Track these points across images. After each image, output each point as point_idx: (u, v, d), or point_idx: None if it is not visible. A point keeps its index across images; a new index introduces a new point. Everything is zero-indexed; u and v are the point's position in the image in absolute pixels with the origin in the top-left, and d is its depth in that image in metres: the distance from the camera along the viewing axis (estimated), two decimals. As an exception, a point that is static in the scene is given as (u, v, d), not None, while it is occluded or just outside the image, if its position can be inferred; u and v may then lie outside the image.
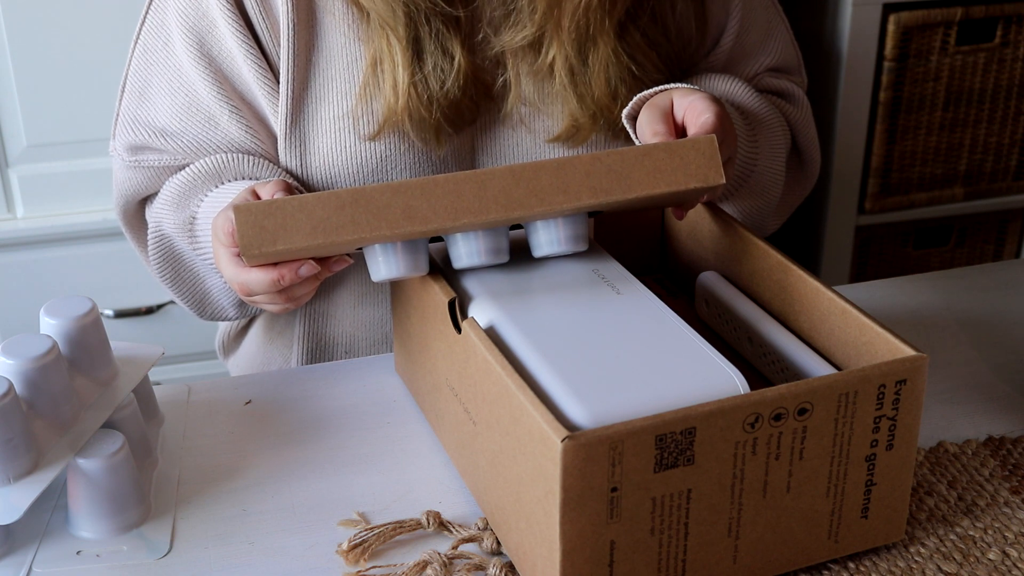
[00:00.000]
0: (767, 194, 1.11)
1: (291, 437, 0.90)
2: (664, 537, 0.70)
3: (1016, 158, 1.93)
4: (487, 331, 0.78)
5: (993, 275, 1.13)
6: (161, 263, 1.07)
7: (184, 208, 1.03)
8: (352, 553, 0.78)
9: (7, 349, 0.79)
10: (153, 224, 1.07)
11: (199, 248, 1.03)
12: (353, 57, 1.00)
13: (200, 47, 1.01)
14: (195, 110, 1.03)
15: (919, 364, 0.73)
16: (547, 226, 0.84)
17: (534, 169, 0.80)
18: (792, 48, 1.17)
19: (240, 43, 1.00)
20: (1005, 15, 1.80)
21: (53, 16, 1.73)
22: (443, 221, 0.79)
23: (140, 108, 1.06)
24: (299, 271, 0.82)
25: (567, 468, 0.66)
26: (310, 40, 1.00)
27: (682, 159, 0.82)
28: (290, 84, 1.00)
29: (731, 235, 0.91)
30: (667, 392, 0.71)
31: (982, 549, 0.78)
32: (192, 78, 1.03)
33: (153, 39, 1.05)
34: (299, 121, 1.01)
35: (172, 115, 1.04)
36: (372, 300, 1.10)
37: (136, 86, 1.06)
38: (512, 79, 1.01)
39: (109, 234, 1.82)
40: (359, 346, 1.12)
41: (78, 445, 0.80)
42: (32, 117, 1.77)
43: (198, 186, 1.03)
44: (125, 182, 1.09)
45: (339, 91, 1.00)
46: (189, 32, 1.01)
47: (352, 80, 1.00)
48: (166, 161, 1.05)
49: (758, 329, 0.86)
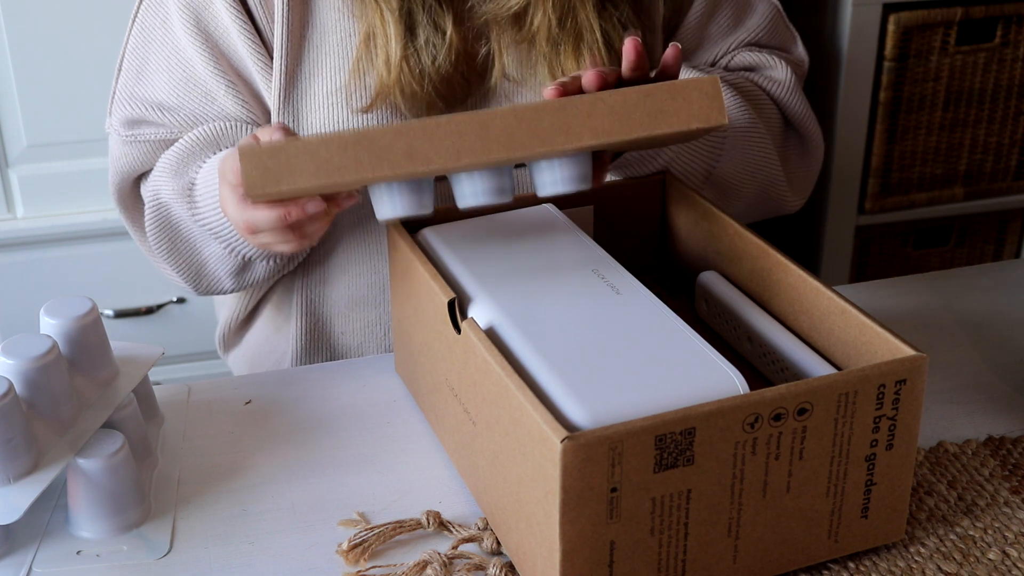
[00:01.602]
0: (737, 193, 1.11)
1: (291, 437, 0.90)
2: (664, 537, 0.70)
3: (1016, 158, 1.93)
4: (487, 331, 0.78)
5: (993, 275, 1.13)
6: (158, 233, 1.07)
7: (183, 175, 1.04)
8: (352, 553, 0.78)
9: (7, 349, 0.79)
10: (150, 194, 1.08)
11: (198, 213, 1.03)
12: (347, 32, 1.02)
13: (197, 23, 1.03)
14: (192, 85, 1.05)
15: (919, 364, 0.73)
16: (551, 166, 0.83)
17: (536, 110, 0.80)
18: (782, 25, 1.16)
19: (234, 18, 1.02)
20: (1005, 15, 1.80)
21: (53, 16, 1.73)
22: (445, 161, 0.79)
23: (137, 85, 1.07)
24: (306, 207, 0.83)
25: (567, 468, 0.66)
26: (304, 16, 1.02)
27: (685, 99, 0.82)
28: (284, 59, 1.02)
29: (731, 235, 0.91)
30: (667, 392, 0.71)
31: (982, 549, 0.78)
32: (189, 54, 1.04)
33: (151, 17, 1.07)
34: (292, 96, 1.03)
35: (170, 90, 1.06)
36: (368, 304, 1.10)
37: (134, 64, 1.08)
38: (495, 50, 1.02)
39: (109, 234, 1.83)
40: (357, 351, 1.12)
41: (78, 445, 0.80)
42: (32, 117, 1.77)
43: (196, 153, 1.04)
44: (121, 158, 1.09)
45: (332, 66, 1.02)
46: (186, 9, 1.03)
47: (345, 55, 1.02)
48: (163, 135, 1.07)
49: (758, 329, 0.86)
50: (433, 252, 0.88)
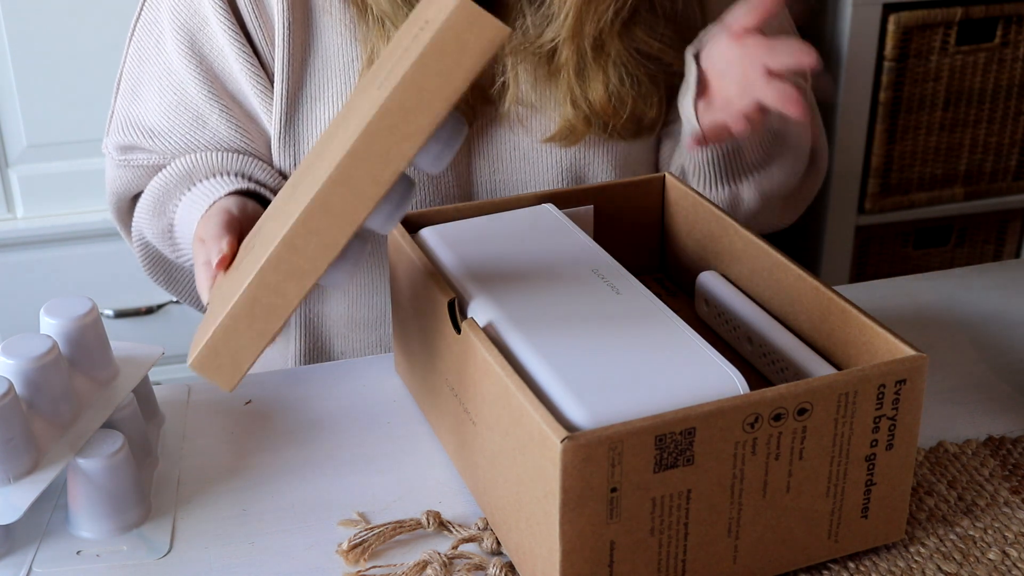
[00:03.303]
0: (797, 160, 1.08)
1: (291, 437, 0.90)
2: (664, 537, 0.70)
3: (1016, 158, 1.93)
4: (487, 331, 0.78)
5: (993, 275, 1.13)
6: (152, 268, 1.08)
7: (161, 215, 1.03)
8: (352, 553, 0.78)
9: (7, 349, 0.79)
10: (136, 234, 1.08)
11: (180, 255, 1.03)
12: (350, 58, 1.00)
13: (191, 45, 1.01)
14: (184, 108, 1.03)
15: (919, 364, 0.73)
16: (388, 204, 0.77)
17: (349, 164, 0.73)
18: None
19: (231, 40, 1.00)
20: (1005, 15, 1.80)
21: (53, 16, 1.73)
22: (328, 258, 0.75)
23: (132, 106, 1.06)
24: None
25: (567, 468, 0.66)
26: (305, 40, 1.00)
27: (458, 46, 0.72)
28: (285, 84, 1.00)
29: (731, 235, 0.91)
30: (667, 392, 0.71)
31: (982, 549, 0.78)
32: (182, 76, 1.02)
33: (146, 36, 1.05)
34: (294, 122, 1.01)
35: (161, 113, 1.04)
36: (369, 325, 1.10)
37: (129, 84, 1.07)
38: (510, 76, 1.00)
39: (109, 234, 1.83)
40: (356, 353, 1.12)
41: (78, 445, 0.80)
42: (32, 117, 1.77)
43: (171, 191, 1.03)
44: (115, 180, 1.09)
45: (335, 92, 1.00)
46: (180, 30, 1.01)
47: (348, 81, 1.00)
48: (154, 160, 1.05)
49: (758, 329, 0.86)
50: (433, 252, 0.88)
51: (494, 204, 0.94)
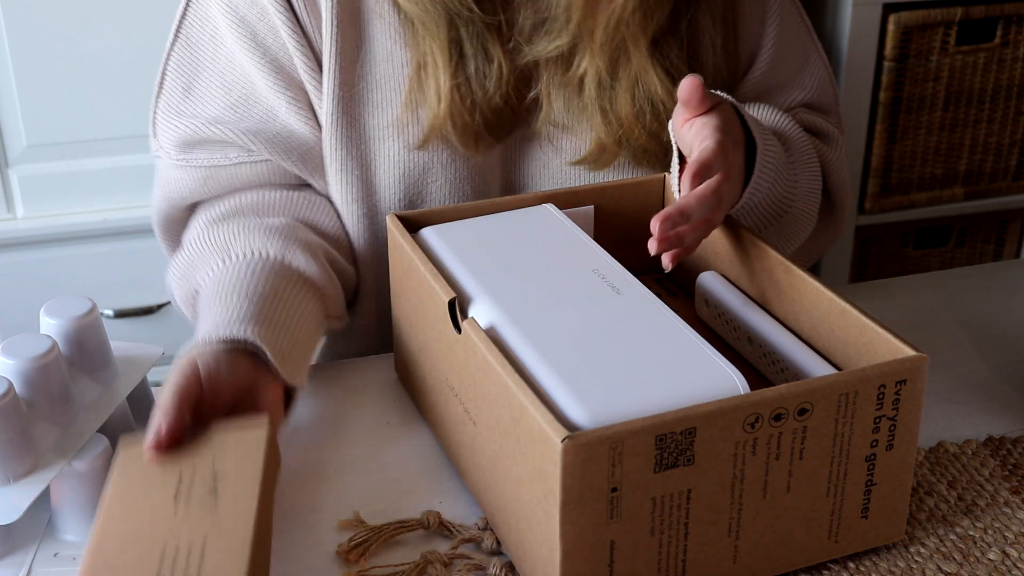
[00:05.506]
0: (796, 234, 1.06)
1: (291, 437, 0.90)
2: (664, 537, 0.70)
3: (1016, 158, 1.93)
4: (487, 331, 0.78)
5: (993, 275, 1.13)
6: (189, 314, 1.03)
7: (191, 279, 0.97)
8: (352, 553, 0.78)
9: (7, 349, 0.79)
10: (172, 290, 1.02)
11: None
12: (400, 62, 0.99)
13: (253, 37, 0.99)
14: (252, 103, 1.00)
15: (919, 364, 0.73)
16: None
17: None
18: (829, 87, 1.13)
19: (290, 34, 0.98)
20: (1005, 15, 1.80)
21: (53, 16, 1.73)
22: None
23: (185, 103, 1.02)
24: None
25: (567, 468, 0.66)
26: (356, 42, 0.99)
27: None
28: (335, 85, 0.98)
29: (731, 235, 0.91)
30: (667, 392, 0.71)
31: (982, 549, 0.78)
32: (248, 70, 1.00)
33: (198, 32, 1.01)
34: (343, 123, 1.00)
35: (226, 107, 1.00)
36: (365, 321, 1.10)
37: (179, 82, 1.02)
38: (543, 93, 1.00)
39: (109, 234, 1.83)
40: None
41: (78, 445, 0.79)
42: (32, 117, 1.77)
43: (205, 257, 0.97)
44: (171, 183, 1.03)
45: (385, 98, 0.99)
46: (240, 24, 0.99)
47: (398, 87, 0.99)
48: (218, 160, 1.01)
49: (758, 329, 0.86)
50: (433, 252, 0.88)
51: (494, 204, 0.94)
